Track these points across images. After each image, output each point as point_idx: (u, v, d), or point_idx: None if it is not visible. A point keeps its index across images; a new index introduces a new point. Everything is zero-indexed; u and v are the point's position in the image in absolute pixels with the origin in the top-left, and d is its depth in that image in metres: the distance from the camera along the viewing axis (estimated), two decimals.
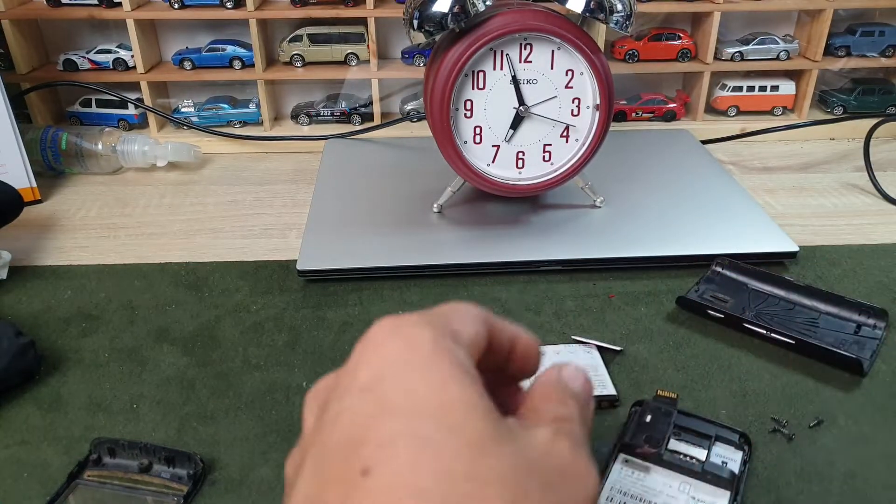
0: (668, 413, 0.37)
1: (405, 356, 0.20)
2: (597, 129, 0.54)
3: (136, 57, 0.71)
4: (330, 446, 0.18)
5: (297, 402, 0.41)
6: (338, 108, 0.76)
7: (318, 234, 0.56)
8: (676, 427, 0.36)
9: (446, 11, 0.48)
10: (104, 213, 0.62)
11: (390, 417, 0.18)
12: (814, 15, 0.74)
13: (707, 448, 0.35)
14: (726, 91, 0.77)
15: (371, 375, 0.19)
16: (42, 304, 0.50)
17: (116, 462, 0.37)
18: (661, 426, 0.36)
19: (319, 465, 0.18)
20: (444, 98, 0.51)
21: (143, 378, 0.43)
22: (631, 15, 0.50)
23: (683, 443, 0.36)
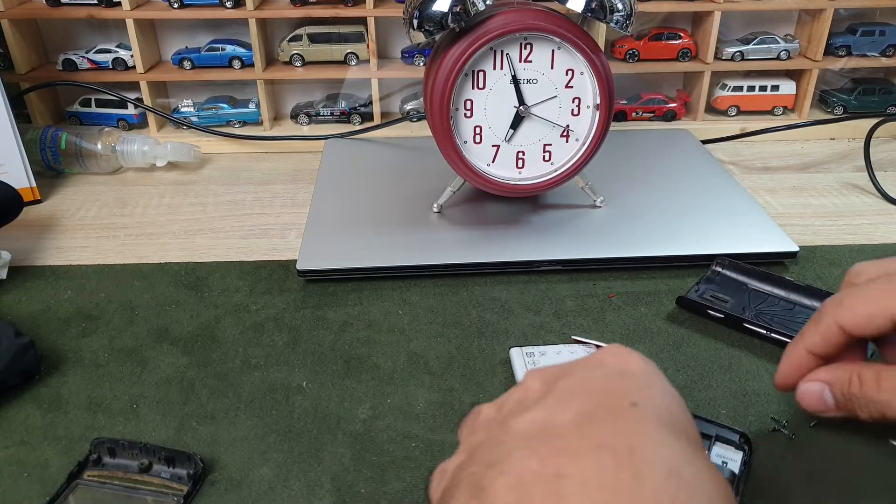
0: None
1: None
2: (597, 129, 0.54)
3: (135, 57, 0.71)
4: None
5: (296, 402, 0.41)
6: (337, 108, 0.76)
7: (318, 234, 0.55)
8: None
9: (446, 11, 0.48)
10: (104, 213, 0.62)
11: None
12: (814, 14, 0.74)
13: (707, 448, 0.35)
14: (727, 91, 0.77)
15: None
16: (42, 305, 0.50)
17: (116, 462, 0.37)
18: None
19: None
20: (443, 98, 0.51)
21: (143, 378, 0.43)
22: (631, 14, 0.50)
23: None
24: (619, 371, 0.27)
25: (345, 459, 0.38)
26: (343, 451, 0.38)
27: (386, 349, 0.45)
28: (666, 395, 0.26)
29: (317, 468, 0.37)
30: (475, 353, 0.45)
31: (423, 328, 0.47)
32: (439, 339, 0.46)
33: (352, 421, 0.40)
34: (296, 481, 0.36)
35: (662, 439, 0.23)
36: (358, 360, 0.45)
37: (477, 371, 0.44)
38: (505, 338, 0.46)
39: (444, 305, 0.49)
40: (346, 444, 0.39)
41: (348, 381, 0.43)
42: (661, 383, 0.26)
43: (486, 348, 0.45)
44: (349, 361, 0.44)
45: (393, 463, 0.37)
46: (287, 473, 0.37)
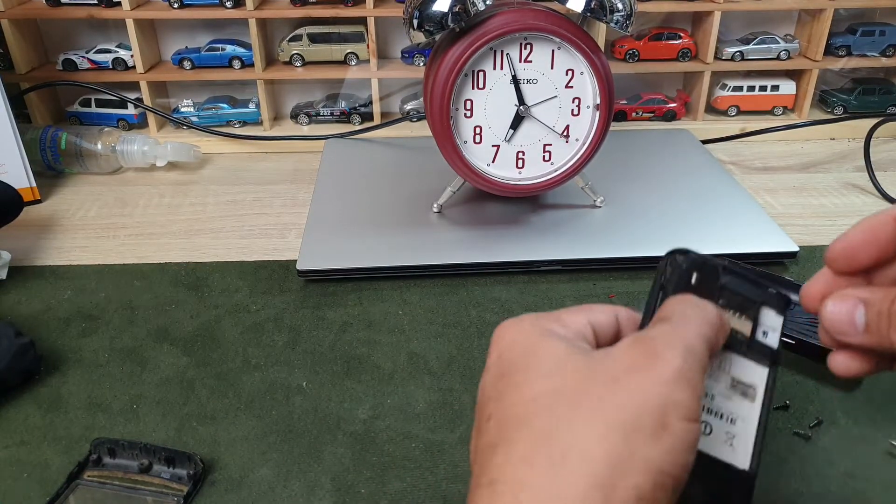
0: (714, 273, 0.29)
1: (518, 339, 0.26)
2: (597, 129, 0.54)
3: (135, 56, 0.71)
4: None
5: (296, 403, 0.41)
6: (337, 108, 0.76)
7: (318, 234, 0.55)
8: (724, 291, 0.29)
9: (446, 11, 0.48)
10: (104, 213, 0.62)
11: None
12: (814, 14, 0.74)
13: (753, 318, 0.29)
14: (727, 91, 0.77)
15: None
16: (42, 305, 0.50)
17: (116, 462, 0.37)
18: (707, 290, 0.28)
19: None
20: (444, 98, 0.51)
21: (143, 378, 0.43)
22: (631, 14, 0.50)
23: (730, 310, 0.28)
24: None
25: (345, 459, 0.38)
26: (343, 452, 0.38)
27: (386, 349, 0.45)
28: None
29: (317, 468, 0.37)
30: (475, 353, 0.45)
31: (423, 328, 0.47)
32: (439, 339, 0.46)
33: (352, 421, 0.40)
34: (296, 481, 0.36)
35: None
36: (358, 360, 0.45)
37: (477, 371, 0.44)
38: None
39: (444, 305, 0.49)
40: (346, 444, 0.39)
41: (348, 382, 0.43)
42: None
43: (486, 348, 0.45)
44: (349, 361, 0.44)
45: (393, 463, 0.37)
46: (287, 473, 0.37)
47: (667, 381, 0.22)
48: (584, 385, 0.23)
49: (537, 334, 0.25)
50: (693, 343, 0.23)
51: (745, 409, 0.26)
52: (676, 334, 0.24)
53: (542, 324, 0.26)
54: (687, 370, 0.23)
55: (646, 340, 0.24)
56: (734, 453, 0.26)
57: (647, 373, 0.22)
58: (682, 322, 0.24)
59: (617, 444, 0.21)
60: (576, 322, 0.27)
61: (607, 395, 0.22)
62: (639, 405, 0.22)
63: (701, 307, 0.25)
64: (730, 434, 0.26)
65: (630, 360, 0.23)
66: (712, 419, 0.26)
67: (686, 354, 0.23)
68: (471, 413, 0.41)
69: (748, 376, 0.27)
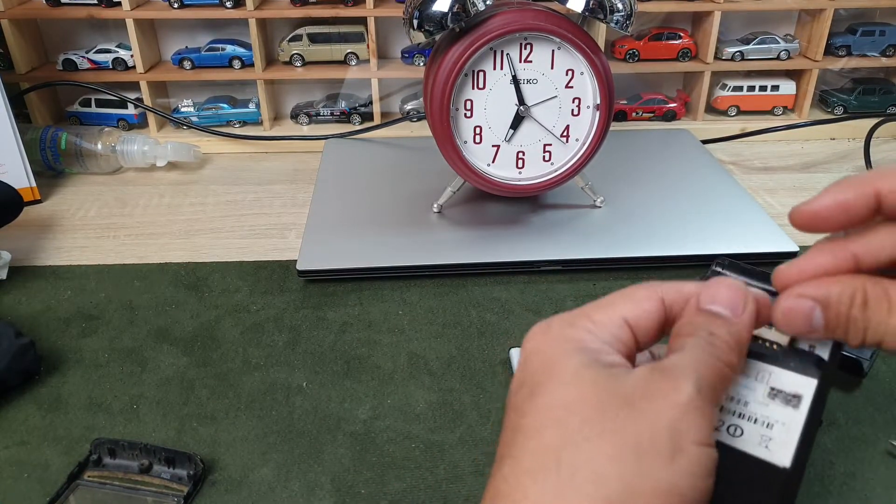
0: (755, 277, 0.29)
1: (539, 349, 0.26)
2: (597, 129, 0.54)
3: (135, 56, 0.71)
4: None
5: (297, 403, 0.41)
6: (337, 108, 0.76)
7: (318, 234, 0.55)
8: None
9: (446, 11, 0.48)
10: (104, 213, 0.62)
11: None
12: (814, 14, 0.74)
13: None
14: (727, 91, 0.77)
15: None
16: (42, 305, 0.50)
17: (117, 462, 0.37)
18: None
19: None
20: (443, 98, 0.51)
21: (143, 378, 0.43)
22: (631, 14, 0.50)
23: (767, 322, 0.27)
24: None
25: (345, 460, 0.38)
26: (343, 452, 0.38)
27: (386, 349, 0.45)
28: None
29: (317, 469, 0.37)
30: (475, 354, 0.45)
31: (423, 328, 0.47)
32: (439, 339, 0.46)
33: (352, 421, 0.40)
34: (296, 482, 0.36)
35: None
36: (358, 360, 0.45)
37: (477, 371, 0.44)
38: (505, 338, 0.46)
39: (444, 305, 0.49)
40: (346, 444, 0.39)
41: (348, 382, 0.43)
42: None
43: (486, 349, 0.45)
44: (349, 362, 0.44)
45: (393, 463, 0.37)
46: (287, 474, 0.37)
47: (681, 407, 0.22)
48: (599, 404, 0.23)
49: (561, 344, 0.25)
50: (705, 374, 0.23)
51: (787, 416, 0.26)
52: (690, 367, 0.24)
53: (569, 333, 0.25)
54: (699, 399, 0.23)
55: (662, 370, 0.24)
56: (769, 453, 0.25)
57: (663, 399, 0.23)
58: (693, 354, 0.24)
59: (630, 465, 0.21)
60: (610, 322, 0.26)
61: (621, 416, 0.22)
62: (653, 428, 0.22)
63: (711, 338, 0.25)
64: (766, 437, 0.26)
65: (646, 387, 0.23)
66: (744, 423, 0.26)
67: (699, 384, 0.23)
68: (471, 413, 0.41)
69: (790, 386, 0.26)
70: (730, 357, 0.24)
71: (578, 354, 0.24)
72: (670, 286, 0.27)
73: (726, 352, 0.24)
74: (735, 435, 0.25)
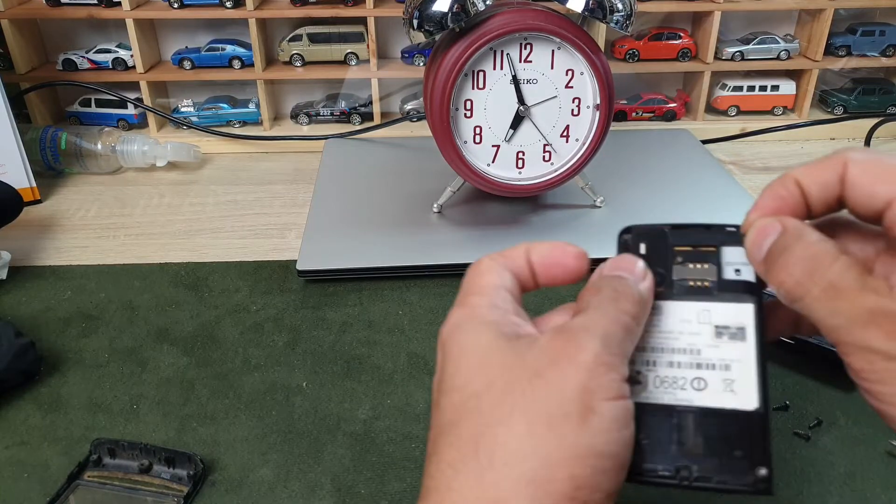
0: (662, 237, 0.29)
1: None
2: (597, 129, 0.54)
3: (135, 56, 0.71)
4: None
5: (296, 403, 0.41)
6: (337, 108, 0.76)
7: (318, 234, 0.55)
8: (676, 249, 0.28)
9: (446, 11, 0.48)
10: (104, 213, 0.62)
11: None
12: (814, 14, 0.74)
13: (716, 262, 0.28)
14: (727, 91, 0.77)
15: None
16: (42, 305, 0.50)
17: (116, 463, 0.37)
18: (660, 255, 0.28)
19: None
20: (443, 98, 0.51)
21: (143, 378, 0.43)
22: (631, 14, 0.50)
23: (689, 264, 0.28)
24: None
25: (345, 460, 0.38)
26: (343, 452, 0.38)
27: (386, 349, 0.45)
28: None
29: (317, 469, 0.37)
30: None
31: (423, 328, 0.47)
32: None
33: (352, 421, 0.40)
34: (296, 482, 0.36)
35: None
36: (358, 360, 0.45)
37: None
38: None
39: (444, 305, 0.49)
40: (346, 444, 0.39)
41: (348, 382, 0.43)
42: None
43: None
44: (349, 362, 0.44)
45: (393, 463, 0.37)
46: (287, 474, 0.37)
47: (587, 367, 0.22)
48: (507, 384, 0.23)
49: (461, 328, 0.25)
50: (610, 329, 0.24)
51: (740, 351, 0.26)
52: (594, 323, 0.24)
53: (463, 313, 0.26)
54: (606, 355, 0.23)
55: (566, 331, 0.24)
56: (737, 398, 0.25)
57: (568, 362, 0.23)
58: (599, 310, 0.24)
59: (543, 437, 0.21)
60: (497, 292, 0.26)
61: (530, 390, 0.22)
62: (561, 394, 0.22)
63: (615, 293, 0.25)
64: (728, 380, 0.26)
65: (552, 353, 0.23)
66: (705, 372, 0.26)
67: (605, 339, 0.23)
68: None
69: (732, 319, 0.26)
70: (634, 309, 0.25)
71: (481, 333, 0.24)
72: (535, 247, 0.27)
73: (631, 304, 0.25)
74: (700, 388, 0.25)
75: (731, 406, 0.25)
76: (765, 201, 0.25)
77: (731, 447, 0.25)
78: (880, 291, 0.22)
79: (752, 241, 0.25)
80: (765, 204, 0.25)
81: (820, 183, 0.24)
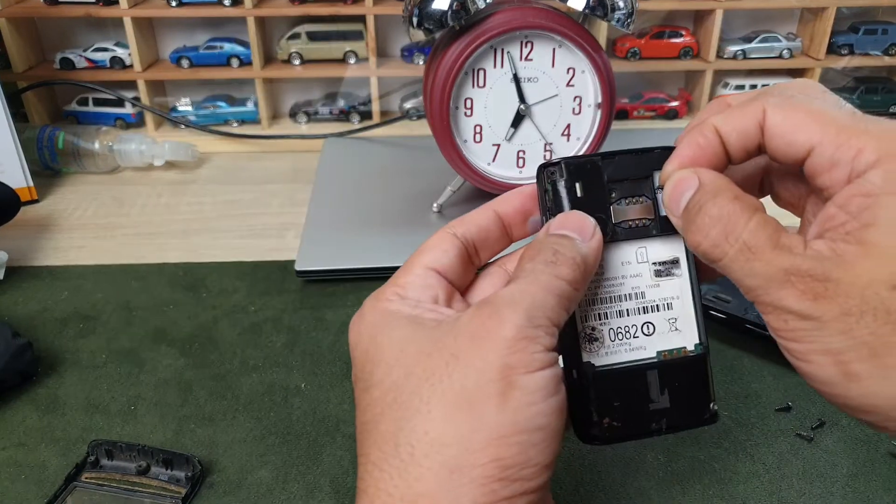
0: (596, 171, 0.26)
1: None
2: (598, 128, 0.53)
3: (133, 55, 0.71)
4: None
5: (295, 404, 0.41)
6: (336, 107, 0.76)
7: (317, 234, 0.55)
8: (614, 184, 0.26)
9: (446, 9, 0.48)
10: (101, 213, 0.62)
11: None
12: (817, 13, 0.74)
13: (651, 196, 0.26)
14: (729, 89, 0.77)
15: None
16: (39, 305, 0.49)
17: (114, 464, 0.37)
18: (596, 195, 0.26)
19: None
20: (443, 96, 0.51)
21: (141, 379, 0.43)
22: (632, 12, 0.50)
23: (625, 202, 0.26)
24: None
25: (344, 462, 0.37)
26: (342, 454, 0.38)
27: None
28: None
29: (315, 470, 0.37)
30: None
31: None
32: None
33: (351, 423, 0.40)
34: (294, 484, 0.36)
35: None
36: None
37: None
38: None
39: None
40: (345, 446, 0.38)
41: (347, 383, 0.43)
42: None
43: None
44: (348, 363, 0.44)
45: None
46: (286, 476, 0.37)
47: (507, 341, 0.21)
48: (425, 370, 0.22)
49: (377, 324, 0.24)
50: (540, 298, 0.22)
51: (677, 287, 0.26)
52: (523, 292, 0.22)
53: (381, 307, 0.24)
54: (529, 328, 0.22)
55: (490, 304, 0.22)
56: (682, 336, 0.26)
57: (487, 339, 0.21)
58: (532, 278, 0.23)
59: (462, 421, 0.21)
60: (415, 278, 0.25)
61: (447, 374, 0.21)
62: (479, 374, 0.21)
63: (554, 256, 0.23)
64: (672, 319, 0.26)
65: (472, 330, 0.22)
66: (651, 316, 0.26)
67: (530, 310, 0.22)
68: None
69: (668, 253, 0.26)
70: (573, 274, 0.23)
71: (398, 327, 0.23)
72: (462, 223, 0.26)
73: (569, 268, 0.23)
74: (650, 334, 0.26)
75: (678, 345, 0.26)
76: (683, 150, 0.24)
77: (689, 391, 0.26)
78: (794, 250, 0.21)
79: (668, 196, 0.24)
80: (683, 154, 0.24)
81: (739, 131, 0.23)
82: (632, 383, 0.25)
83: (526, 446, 0.21)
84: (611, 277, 0.26)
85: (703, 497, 0.35)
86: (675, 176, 0.24)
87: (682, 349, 0.26)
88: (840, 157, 0.21)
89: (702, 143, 0.24)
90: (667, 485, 0.36)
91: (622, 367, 0.25)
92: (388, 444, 0.21)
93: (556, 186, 0.26)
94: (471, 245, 0.26)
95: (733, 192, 0.23)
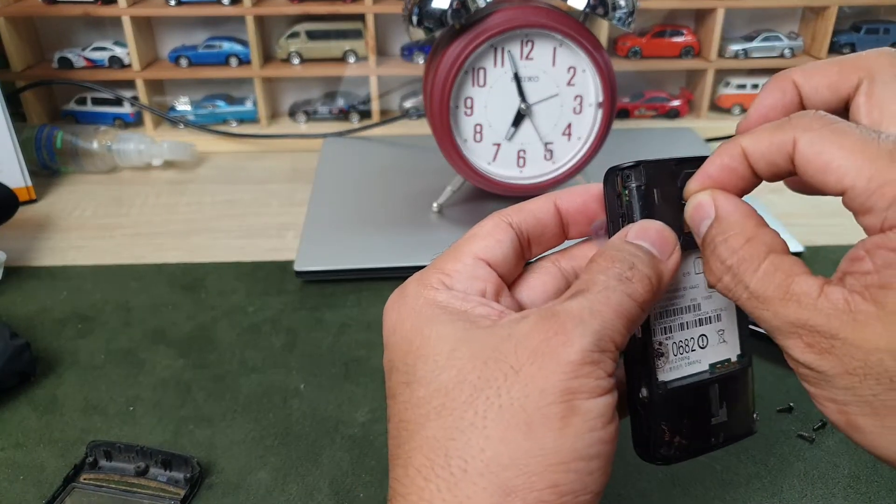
0: (672, 176, 0.24)
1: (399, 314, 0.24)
2: (599, 127, 0.53)
3: (131, 54, 0.71)
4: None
5: (294, 405, 0.41)
6: (336, 106, 0.75)
7: (316, 234, 0.55)
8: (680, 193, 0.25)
9: (446, 7, 0.47)
10: (100, 213, 0.61)
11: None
12: (818, 12, 0.74)
13: None
14: (730, 89, 0.76)
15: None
16: (37, 306, 0.49)
17: (113, 465, 0.37)
18: (672, 202, 0.24)
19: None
20: (443, 95, 0.50)
21: (140, 380, 0.43)
22: (633, 11, 0.50)
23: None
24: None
25: (343, 463, 0.37)
26: (342, 455, 0.38)
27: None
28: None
29: (315, 472, 0.37)
30: None
31: None
32: None
33: (350, 424, 0.40)
34: (293, 485, 0.36)
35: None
36: (357, 362, 0.44)
37: None
38: None
39: None
40: (344, 447, 0.38)
41: (347, 384, 0.42)
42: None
43: None
44: (348, 364, 0.44)
45: None
46: (285, 477, 0.36)
47: (572, 365, 0.20)
48: (480, 380, 0.21)
49: (423, 312, 0.23)
50: (610, 321, 0.21)
51: (724, 298, 0.25)
52: (593, 313, 0.21)
53: (427, 295, 0.23)
54: (596, 352, 0.21)
55: (556, 317, 0.21)
56: (728, 348, 0.26)
57: (551, 358, 0.20)
58: (603, 297, 0.21)
59: (521, 443, 0.20)
60: (463, 268, 0.23)
61: (505, 388, 0.20)
62: (540, 395, 0.20)
63: (631, 272, 0.22)
64: (721, 330, 0.25)
65: (535, 344, 0.21)
66: (705, 328, 0.25)
67: (599, 333, 0.21)
68: None
69: None
70: (647, 296, 0.22)
71: (448, 322, 0.22)
72: (516, 211, 0.25)
73: (645, 289, 0.22)
74: (704, 346, 0.25)
75: (725, 357, 0.26)
76: (709, 168, 0.23)
77: (738, 402, 0.25)
78: (804, 300, 0.21)
79: (689, 219, 0.24)
80: (709, 173, 0.23)
81: (767, 160, 0.22)
82: (697, 398, 0.25)
83: (583, 474, 0.20)
84: (673, 289, 0.25)
85: (705, 499, 0.35)
86: (693, 199, 0.23)
87: (729, 360, 0.26)
88: (873, 205, 0.20)
89: (728, 164, 0.23)
90: (668, 487, 0.36)
91: (688, 383, 0.25)
92: (436, 453, 0.21)
93: (633, 191, 0.24)
94: (524, 237, 0.25)
95: (747, 233, 0.22)
